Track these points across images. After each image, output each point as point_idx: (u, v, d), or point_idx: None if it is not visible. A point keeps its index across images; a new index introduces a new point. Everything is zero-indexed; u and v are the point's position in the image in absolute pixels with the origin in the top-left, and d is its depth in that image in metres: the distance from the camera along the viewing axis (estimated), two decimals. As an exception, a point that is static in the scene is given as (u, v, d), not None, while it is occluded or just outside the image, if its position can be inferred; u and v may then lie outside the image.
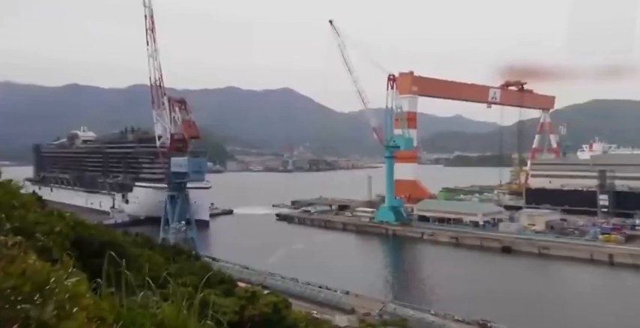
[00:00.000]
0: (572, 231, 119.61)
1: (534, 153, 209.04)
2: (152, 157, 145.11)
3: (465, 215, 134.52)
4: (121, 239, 7.30)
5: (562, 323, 64.83)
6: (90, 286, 3.29)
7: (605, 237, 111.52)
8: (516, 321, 61.37)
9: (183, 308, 3.81)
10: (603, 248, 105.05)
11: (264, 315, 13.65)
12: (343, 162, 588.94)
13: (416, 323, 57.56)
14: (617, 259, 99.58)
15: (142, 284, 4.20)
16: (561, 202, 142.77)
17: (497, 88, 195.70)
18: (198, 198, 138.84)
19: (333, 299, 71.24)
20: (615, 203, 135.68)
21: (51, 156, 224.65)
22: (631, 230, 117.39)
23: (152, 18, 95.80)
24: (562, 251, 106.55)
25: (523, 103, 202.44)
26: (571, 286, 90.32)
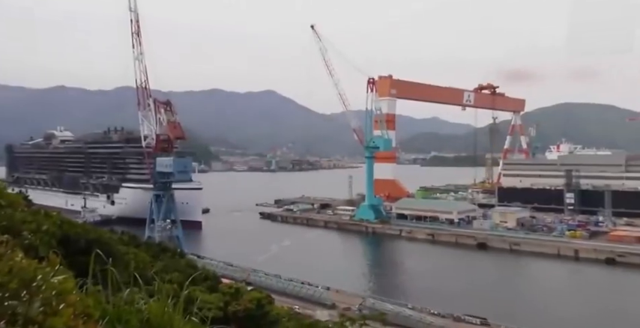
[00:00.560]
0: (540, 227, 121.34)
1: (506, 154, 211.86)
2: (140, 158, 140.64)
3: (440, 213, 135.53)
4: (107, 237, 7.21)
5: (531, 315, 65.66)
6: (76, 283, 3.25)
7: (571, 233, 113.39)
8: (489, 314, 62.13)
9: (169, 304, 3.77)
10: (569, 244, 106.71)
11: (248, 311, 13.59)
12: (325, 162, 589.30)
13: (394, 317, 57.82)
14: (581, 254, 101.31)
15: (128, 282, 4.15)
16: (531, 200, 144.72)
17: (472, 91, 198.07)
18: (190, 198, 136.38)
19: (315, 294, 71.26)
20: (580, 201, 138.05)
21: (25, 156, 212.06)
22: (595, 226, 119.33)
23: (137, 22, 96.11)
24: (531, 247, 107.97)
25: (495, 106, 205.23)
26: (539, 280, 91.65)
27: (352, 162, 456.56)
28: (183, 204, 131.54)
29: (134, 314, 3.64)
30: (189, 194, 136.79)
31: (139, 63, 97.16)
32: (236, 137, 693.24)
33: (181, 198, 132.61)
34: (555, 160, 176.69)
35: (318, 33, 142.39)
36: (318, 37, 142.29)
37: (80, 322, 2.84)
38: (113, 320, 3.50)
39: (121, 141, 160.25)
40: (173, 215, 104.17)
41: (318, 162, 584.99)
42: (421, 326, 57.53)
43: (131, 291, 4.00)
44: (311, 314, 50.93)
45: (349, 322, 28.20)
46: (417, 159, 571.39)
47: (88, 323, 3.04)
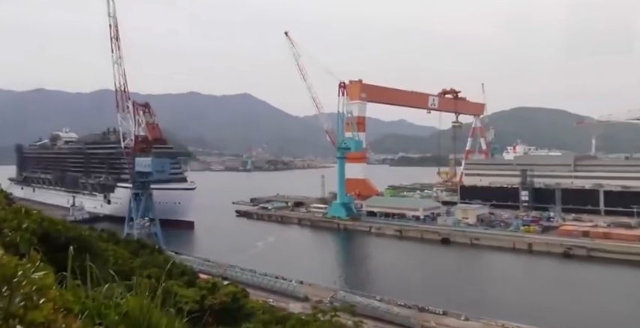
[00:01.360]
0: (498, 223, 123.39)
1: (467, 154, 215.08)
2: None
3: (407, 210, 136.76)
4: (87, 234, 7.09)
5: (489, 304, 66.92)
6: (56, 279, 3.21)
7: (525, 228, 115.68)
8: (451, 304, 63.03)
9: (147, 298, 3.74)
10: (524, 238, 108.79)
11: (224, 304, 13.51)
12: (299, 162, 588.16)
13: (363, 309, 58.10)
14: (535, 247, 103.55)
15: (107, 277, 4.11)
16: (490, 198, 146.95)
17: (436, 96, 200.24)
18: (183, 198, 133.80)
19: (288, 288, 71.17)
20: (534, 198, 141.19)
21: (33, 156, 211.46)
22: (546, 222, 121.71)
23: (116, 27, 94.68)
24: (490, 241, 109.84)
25: (457, 109, 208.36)
26: (496, 272, 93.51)
27: (325, 162, 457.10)
28: (175, 203, 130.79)
29: (113, 308, 3.61)
30: (182, 194, 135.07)
31: (118, 66, 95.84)
32: (213, 138, 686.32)
33: (174, 197, 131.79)
34: (511, 160, 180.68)
35: (291, 39, 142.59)
36: (292, 43, 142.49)
37: (60, 316, 2.82)
38: (92, 314, 3.46)
39: (117, 142, 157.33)
40: (151, 213, 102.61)
41: (292, 162, 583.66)
42: (388, 316, 57.99)
43: (110, 286, 3.96)
44: (284, 307, 50.88)
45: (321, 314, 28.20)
46: (386, 160, 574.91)
47: (68, 317, 3.01)
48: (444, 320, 58.18)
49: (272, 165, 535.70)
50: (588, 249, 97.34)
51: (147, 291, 3.78)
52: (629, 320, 60.97)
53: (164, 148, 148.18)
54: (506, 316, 58.76)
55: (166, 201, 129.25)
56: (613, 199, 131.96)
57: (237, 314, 14.25)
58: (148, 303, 3.68)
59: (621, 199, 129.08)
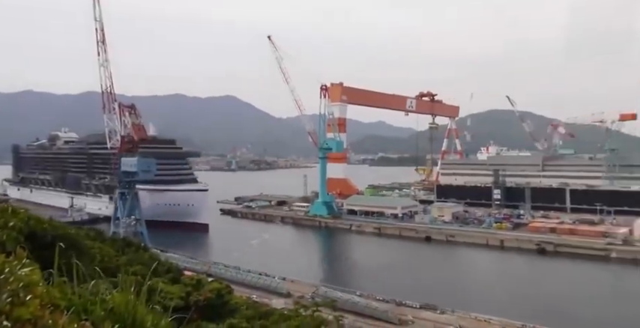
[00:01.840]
0: (472, 220, 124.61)
1: (443, 155, 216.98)
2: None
3: (386, 208, 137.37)
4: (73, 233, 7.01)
5: (463, 297, 67.70)
6: (43, 276, 3.19)
7: (497, 225, 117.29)
8: (426, 298, 63.58)
9: (132, 294, 3.73)
10: (496, 234, 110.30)
11: (208, 300, 13.44)
12: (282, 162, 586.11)
13: (343, 303, 58.23)
14: (506, 243, 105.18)
15: (93, 274, 4.09)
16: (464, 196, 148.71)
17: (414, 98, 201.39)
18: (195, 200, 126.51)
19: (271, 284, 70.97)
20: (506, 196, 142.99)
21: (30, 157, 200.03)
22: (517, 219, 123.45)
23: (103, 31, 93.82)
24: (465, 238, 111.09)
25: (434, 112, 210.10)
26: (470, 267, 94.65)
27: (307, 162, 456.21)
28: (189, 205, 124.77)
29: (99, 304, 3.60)
30: (194, 195, 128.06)
31: (105, 69, 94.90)
32: (198, 139, 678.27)
33: (186, 199, 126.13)
34: (485, 161, 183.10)
35: (274, 43, 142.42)
36: (275, 47, 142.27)
37: (47, 312, 2.81)
38: (78, 310, 3.45)
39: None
40: (137, 212, 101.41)
41: (275, 162, 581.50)
42: (368, 311, 58.22)
43: (96, 283, 3.94)
44: (267, 303, 50.72)
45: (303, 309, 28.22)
46: (366, 160, 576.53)
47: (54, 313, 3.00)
48: (421, 314, 58.63)
49: (256, 165, 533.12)
50: (555, 245, 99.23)
51: (132, 288, 3.77)
52: (589, 309, 62.42)
53: (172, 148, 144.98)
54: (479, 309, 59.48)
55: (178, 203, 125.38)
56: (578, 197, 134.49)
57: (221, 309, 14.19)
58: (133, 299, 3.67)
59: (586, 197, 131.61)
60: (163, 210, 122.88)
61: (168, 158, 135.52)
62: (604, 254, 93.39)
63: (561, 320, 56.07)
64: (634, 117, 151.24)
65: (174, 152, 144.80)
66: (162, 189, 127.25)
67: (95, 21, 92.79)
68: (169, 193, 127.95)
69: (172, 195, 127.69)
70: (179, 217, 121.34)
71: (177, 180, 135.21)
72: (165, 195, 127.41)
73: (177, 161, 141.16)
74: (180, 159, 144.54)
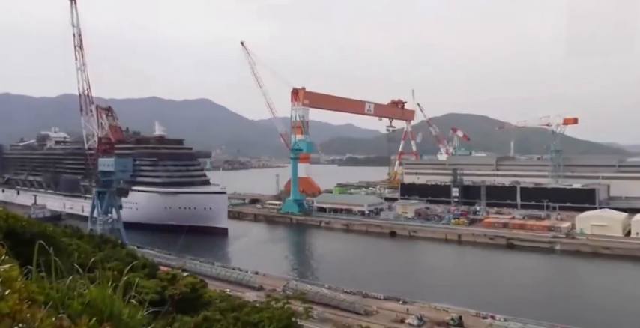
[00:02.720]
0: (433, 216, 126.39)
1: (400, 155, 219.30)
2: (154, 159, 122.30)
3: (354, 206, 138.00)
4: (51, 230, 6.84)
5: (423, 288, 68.82)
6: (22, 272, 3.15)
7: (455, 221, 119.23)
8: (390, 289, 64.30)
9: (109, 289, 3.71)
10: (454, 230, 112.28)
11: (183, 294, 13.33)
12: (255, 162, 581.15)
13: (313, 296, 58.36)
14: (463, 238, 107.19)
15: (71, 270, 4.04)
16: (426, 194, 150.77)
17: (372, 103, 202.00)
18: (213, 203, 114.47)
19: (244, 278, 70.42)
20: (463, 194, 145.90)
21: (16, 157, 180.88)
22: (473, 215, 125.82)
23: (80, 36, 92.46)
24: (426, 233, 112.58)
25: (391, 115, 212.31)
26: (431, 260, 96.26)
27: (279, 162, 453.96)
28: (206, 209, 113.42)
29: (76, 298, 3.57)
30: (212, 198, 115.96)
31: (82, 73, 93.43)
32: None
33: (203, 202, 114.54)
34: (444, 161, 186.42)
35: (247, 49, 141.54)
36: (247, 52, 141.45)
37: (25, 306, 2.79)
38: (56, 303, 3.42)
39: (131, 143, 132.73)
40: (114, 210, 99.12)
41: (248, 162, 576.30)
42: (335, 302, 58.43)
43: (74, 278, 3.90)
44: (241, 296, 50.30)
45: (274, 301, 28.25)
46: (335, 160, 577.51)
47: (33, 307, 2.97)
48: (385, 305, 59.20)
49: (229, 165, 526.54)
50: (507, 239, 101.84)
51: (109, 283, 3.75)
52: (533, 295, 64.47)
53: (181, 148, 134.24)
54: (438, 299, 60.53)
55: (194, 206, 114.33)
56: (527, 194, 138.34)
57: (196, 302, 14.08)
58: (110, 294, 3.65)
59: (534, 194, 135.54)
60: (176, 213, 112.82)
61: (178, 159, 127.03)
62: (549, 246, 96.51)
63: (508, 306, 57.76)
64: (576, 121, 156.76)
65: (184, 152, 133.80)
66: (176, 192, 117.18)
67: (73, 27, 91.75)
68: (183, 196, 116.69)
69: (187, 198, 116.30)
70: (195, 221, 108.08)
71: (189, 182, 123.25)
72: (178, 198, 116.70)
73: (187, 162, 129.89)
74: (190, 160, 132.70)
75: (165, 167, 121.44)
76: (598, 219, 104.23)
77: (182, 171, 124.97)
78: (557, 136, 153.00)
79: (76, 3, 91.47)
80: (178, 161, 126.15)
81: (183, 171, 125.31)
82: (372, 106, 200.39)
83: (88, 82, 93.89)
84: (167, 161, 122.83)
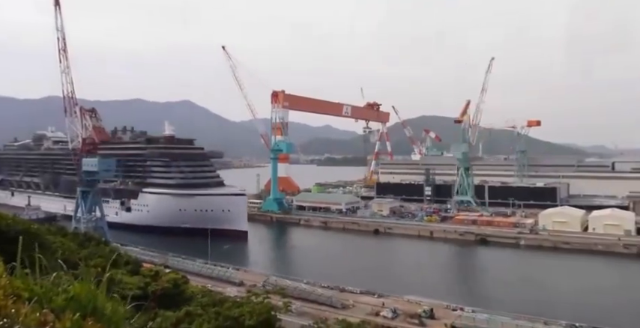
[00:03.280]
0: (407, 214, 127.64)
1: (376, 156, 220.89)
2: (167, 160, 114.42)
3: (332, 204, 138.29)
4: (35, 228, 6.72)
5: (397, 282, 69.48)
6: (6, 268, 3.14)
7: (428, 218, 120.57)
8: (366, 284, 64.74)
9: (93, 285, 3.70)
10: (427, 226, 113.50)
11: (166, 290, 13.22)
12: (236, 162, 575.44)
13: (292, 291, 58.35)
14: (435, 234, 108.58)
15: (55, 267, 4.01)
16: (401, 193, 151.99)
17: (349, 105, 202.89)
18: (232, 205, 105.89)
19: (225, 274, 69.88)
20: (435, 193, 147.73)
21: (10, 158, 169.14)
22: (445, 213, 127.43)
23: (64, 40, 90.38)
24: (400, 230, 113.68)
25: (367, 117, 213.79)
26: (404, 255, 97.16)
27: (260, 162, 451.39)
28: (223, 211, 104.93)
29: (60, 293, 3.56)
30: (231, 200, 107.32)
31: (66, 75, 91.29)
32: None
33: (222, 205, 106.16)
34: (418, 161, 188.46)
35: (228, 53, 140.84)
36: (229, 56, 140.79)
37: (9, 302, 2.79)
38: (40, 299, 3.41)
39: (141, 143, 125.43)
40: (98, 209, 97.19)
41: (230, 162, 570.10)
42: (313, 297, 58.50)
43: (58, 275, 3.88)
44: (222, 291, 49.92)
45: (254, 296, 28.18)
46: (314, 160, 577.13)
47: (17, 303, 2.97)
48: (361, 298, 59.54)
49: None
50: (476, 235, 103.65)
51: (93, 279, 3.74)
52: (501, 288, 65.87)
53: (192, 149, 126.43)
54: (411, 292, 61.24)
55: (212, 208, 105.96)
56: (495, 193, 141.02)
57: (178, 298, 13.97)
58: (93, 289, 3.65)
59: (501, 193, 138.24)
60: (191, 216, 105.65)
61: (192, 159, 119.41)
62: (515, 241, 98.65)
63: (476, 298, 58.85)
64: (539, 123, 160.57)
65: (197, 153, 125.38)
66: (193, 194, 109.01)
67: (57, 31, 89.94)
68: (199, 198, 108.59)
69: (204, 200, 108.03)
70: (214, 224, 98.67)
71: (204, 183, 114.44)
72: (194, 200, 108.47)
73: (200, 162, 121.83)
74: (203, 161, 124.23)
75: (179, 168, 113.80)
76: (559, 215, 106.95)
77: (196, 172, 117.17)
78: (522, 138, 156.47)
79: (60, 8, 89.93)
80: (192, 161, 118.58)
81: (197, 172, 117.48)
82: (349, 109, 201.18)
83: (72, 84, 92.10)
84: (180, 161, 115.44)
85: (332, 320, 35.16)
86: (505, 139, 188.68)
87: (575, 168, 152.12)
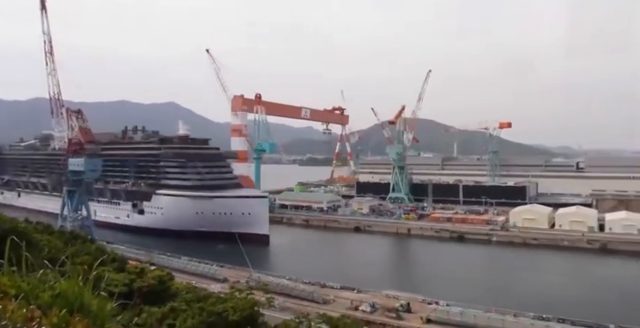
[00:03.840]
0: (386, 212, 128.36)
1: (337, 156, 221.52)
2: (182, 161, 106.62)
3: (313, 203, 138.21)
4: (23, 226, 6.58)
5: (375, 278, 70.00)
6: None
7: (405, 216, 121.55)
8: (345, 280, 65.00)
9: (79, 282, 3.68)
10: (405, 224, 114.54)
11: (151, 286, 13.07)
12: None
13: (274, 287, 58.22)
14: (412, 231, 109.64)
15: (42, 264, 3.97)
16: (380, 191, 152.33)
17: (308, 108, 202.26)
18: (252, 208, 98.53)
19: (210, 271, 69.33)
20: (413, 191, 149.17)
21: (17, 158, 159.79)
22: (421, 210, 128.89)
23: (50, 43, 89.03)
24: (379, 227, 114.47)
25: (327, 120, 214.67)
26: (381, 252, 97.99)
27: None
28: (243, 214, 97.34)
29: (47, 290, 3.53)
30: (252, 203, 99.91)
31: (52, 77, 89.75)
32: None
33: (242, 207, 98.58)
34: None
35: (212, 56, 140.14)
36: (213, 59, 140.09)
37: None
38: (27, 296, 3.38)
39: (154, 142, 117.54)
40: (84, 207, 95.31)
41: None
42: (295, 292, 58.52)
43: (44, 272, 3.85)
44: (206, 288, 49.50)
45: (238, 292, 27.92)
46: (296, 160, 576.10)
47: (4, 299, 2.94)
48: (341, 294, 59.76)
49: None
50: (450, 232, 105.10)
51: (79, 276, 3.72)
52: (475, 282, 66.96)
53: (208, 149, 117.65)
54: (389, 287, 61.76)
55: (231, 211, 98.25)
56: (469, 191, 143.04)
57: (163, 294, 13.83)
58: (80, 286, 3.63)
59: (474, 191, 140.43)
60: (209, 219, 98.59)
61: (208, 160, 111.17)
62: (487, 238, 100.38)
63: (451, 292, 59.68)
64: (510, 125, 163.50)
65: (213, 153, 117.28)
66: (211, 196, 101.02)
67: (43, 34, 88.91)
68: (218, 200, 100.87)
69: (223, 203, 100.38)
70: (232, 227, 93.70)
71: (222, 185, 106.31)
72: (212, 203, 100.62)
73: (217, 163, 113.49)
74: (219, 161, 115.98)
75: (195, 168, 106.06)
76: (528, 213, 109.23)
77: (213, 172, 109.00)
78: (494, 139, 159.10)
79: (46, 12, 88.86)
80: (208, 162, 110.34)
81: (215, 173, 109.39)
82: (308, 112, 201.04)
83: (59, 86, 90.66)
84: (196, 162, 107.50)
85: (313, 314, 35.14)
86: (479, 140, 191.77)
87: (543, 167, 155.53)
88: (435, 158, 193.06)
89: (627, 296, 60.33)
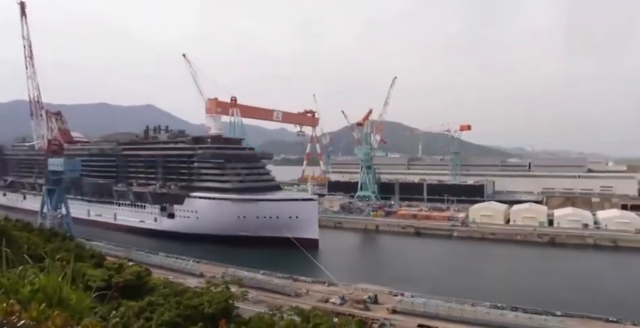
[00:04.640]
0: (355, 209, 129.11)
1: (307, 157, 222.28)
2: (221, 161, 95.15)
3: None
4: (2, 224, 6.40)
5: (346, 271, 70.41)
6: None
7: (374, 213, 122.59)
8: (316, 275, 65.16)
9: (58, 277, 3.67)
10: (373, 221, 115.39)
11: (129, 281, 12.87)
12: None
13: (249, 281, 57.79)
14: (380, 228, 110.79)
15: (22, 260, 3.94)
16: (350, 190, 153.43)
17: (280, 111, 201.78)
18: (300, 211, 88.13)
19: (186, 266, 68.18)
20: (380, 190, 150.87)
21: (20, 158, 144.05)
22: (389, 208, 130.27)
23: (30, 47, 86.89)
24: (349, 224, 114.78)
25: (299, 122, 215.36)
26: (352, 247, 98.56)
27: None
28: (291, 218, 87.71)
29: (26, 285, 3.52)
30: (300, 206, 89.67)
31: (32, 80, 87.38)
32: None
33: (290, 211, 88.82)
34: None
35: (188, 60, 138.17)
36: (189, 63, 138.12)
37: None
38: (7, 291, 3.37)
39: (187, 142, 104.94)
40: (64, 206, 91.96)
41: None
42: (269, 286, 58.23)
43: (24, 268, 3.82)
44: (183, 282, 48.67)
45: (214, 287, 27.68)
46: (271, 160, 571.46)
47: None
48: (313, 287, 59.84)
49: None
50: (415, 227, 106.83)
51: (58, 271, 3.72)
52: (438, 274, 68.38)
53: (242, 149, 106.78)
54: (358, 280, 62.30)
55: (277, 215, 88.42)
56: (432, 190, 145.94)
57: (141, 289, 13.63)
58: (59, 281, 3.62)
59: (437, 190, 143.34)
60: (253, 223, 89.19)
61: (245, 161, 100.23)
62: (449, 233, 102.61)
63: (415, 284, 60.79)
64: (469, 127, 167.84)
65: (250, 154, 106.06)
66: (256, 199, 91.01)
67: (23, 39, 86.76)
68: (263, 204, 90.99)
69: (269, 206, 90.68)
70: (274, 232, 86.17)
71: (261, 187, 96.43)
72: (257, 206, 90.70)
73: (255, 164, 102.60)
74: (257, 162, 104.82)
75: (235, 170, 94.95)
76: (486, 209, 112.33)
77: (252, 174, 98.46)
78: (456, 141, 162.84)
79: (26, 17, 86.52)
80: (246, 163, 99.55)
81: (254, 174, 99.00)
82: (280, 114, 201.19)
83: (38, 88, 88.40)
84: (235, 163, 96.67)
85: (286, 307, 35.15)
86: (442, 142, 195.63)
87: (500, 167, 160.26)
88: (401, 158, 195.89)
89: (572, 285, 63.00)
